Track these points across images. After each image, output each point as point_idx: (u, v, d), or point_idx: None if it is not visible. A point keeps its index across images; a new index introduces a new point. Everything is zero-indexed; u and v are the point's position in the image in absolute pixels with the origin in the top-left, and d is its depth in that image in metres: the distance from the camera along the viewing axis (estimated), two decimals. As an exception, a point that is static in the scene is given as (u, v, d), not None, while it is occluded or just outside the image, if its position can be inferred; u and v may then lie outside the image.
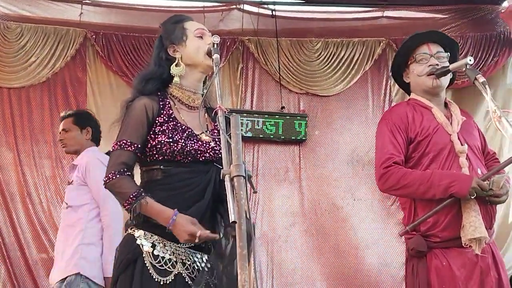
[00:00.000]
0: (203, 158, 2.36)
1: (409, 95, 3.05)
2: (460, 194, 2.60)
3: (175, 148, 2.31)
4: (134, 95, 2.44)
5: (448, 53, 2.93)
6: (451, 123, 2.82)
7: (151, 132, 2.34)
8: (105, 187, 2.31)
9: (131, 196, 2.22)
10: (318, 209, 6.23)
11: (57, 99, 5.98)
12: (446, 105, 2.95)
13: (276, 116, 6.22)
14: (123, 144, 2.31)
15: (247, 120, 6.14)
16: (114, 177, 2.27)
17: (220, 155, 2.22)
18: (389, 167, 2.69)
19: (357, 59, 6.47)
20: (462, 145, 2.75)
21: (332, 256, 6.11)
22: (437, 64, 2.84)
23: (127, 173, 2.28)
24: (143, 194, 2.23)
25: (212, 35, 2.37)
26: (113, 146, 2.34)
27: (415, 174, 2.67)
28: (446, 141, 2.76)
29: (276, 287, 6.05)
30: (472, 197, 2.60)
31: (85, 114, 4.28)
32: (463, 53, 6.19)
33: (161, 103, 2.40)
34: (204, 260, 2.36)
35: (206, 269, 2.34)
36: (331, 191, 6.30)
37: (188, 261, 2.30)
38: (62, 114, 4.25)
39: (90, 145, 4.11)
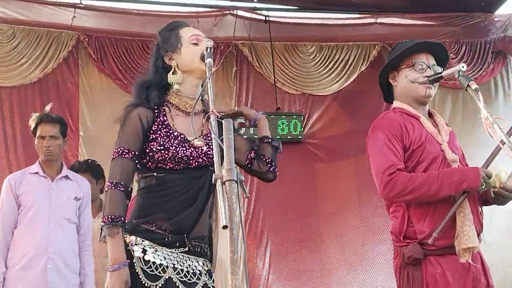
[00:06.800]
0: (195, 164, 2.37)
1: (387, 99, 3.02)
2: (473, 187, 2.59)
3: (166, 156, 2.33)
4: (135, 103, 2.44)
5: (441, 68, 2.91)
6: (439, 133, 2.82)
7: (146, 141, 2.36)
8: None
9: (111, 217, 2.24)
10: (313, 207, 6.29)
11: (49, 99, 5.90)
12: (429, 115, 2.94)
13: (272, 116, 6.23)
14: (121, 151, 2.33)
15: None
16: (109, 188, 2.29)
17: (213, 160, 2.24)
18: (393, 173, 2.64)
19: (352, 61, 6.54)
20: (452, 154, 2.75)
21: (332, 253, 6.19)
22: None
23: (121, 187, 2.28)
24: (119, 223, 2.24)
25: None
26: (113, 153, 2.36)
27: (422, 176, 2.64)
28: (438, 150, 2.75)
29: (274, 281, 6.13)
30: (483, 188, 2.59)
31: (66, 123, 4.16)
32: (457, 58, 6.25)
33: (155, 111, 2.41)
34: (201, 263, 2.38)
35: (204, 271, 2.37)
36: (328, 190, 6.35)
37: (181, 265, 2.30)
38: (43, 115, 4.04)
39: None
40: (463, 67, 2.64)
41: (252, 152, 2.58)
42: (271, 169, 2.58)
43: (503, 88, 6.70)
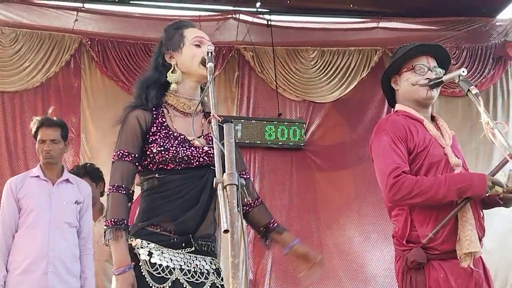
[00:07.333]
0: (196, 163, 2.36)
1: (390, 102, 3.03)
2: (478, 195, 2.60)
3: (167, 156, 2.32)
4: (135, 104, 2.45)
5: (444, 70, 2.91)
6: (442, 136, 2.82)
7: (146, 143, 2.36)
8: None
9: (114, 220, 2.24)
10: (313, 214, 6.29)
11: (51, 104, 5.93)
12: (432, 118, 2.94)
13: (274, 122, 6.25)
14: (121, 154, 2.33)
15: (244, 126, 6.17)
16: (110, 192, 2.30)
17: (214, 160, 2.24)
18: (399, 176, 2.62)
19: (354, 67, 6.53)
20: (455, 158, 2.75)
21: (332, 259, 6.19)
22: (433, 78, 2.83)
23: (123, 190, 2.29)
24: (123, 225, 2.24)
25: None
26: (113, 156, 2.36)
27: (429, 180, 2.62)
28: (441, 154, 2.75)
29: (275, 287, 6.15)
30: (487, 195, 2.60)
31: (67, 126, 4.17)
32: (458, 63, 6.25)
33: (154, 113, 2.41)
34: (209, 263, 2.37)
35: (211, 270, 2.36)
36: (328, 197, 6.35)
37: (188, 266, 2.30)
38: (43, 119, 4.04)
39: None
40: (463, 71, 2.64)
41: (242, 176, 2.37)
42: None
43: (501, 95, 6.70)
